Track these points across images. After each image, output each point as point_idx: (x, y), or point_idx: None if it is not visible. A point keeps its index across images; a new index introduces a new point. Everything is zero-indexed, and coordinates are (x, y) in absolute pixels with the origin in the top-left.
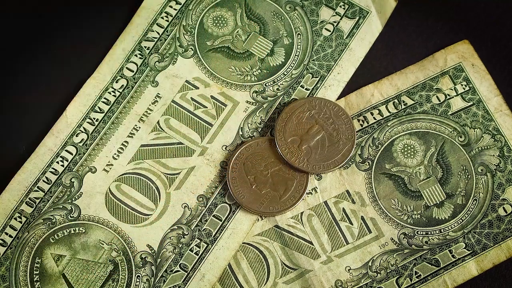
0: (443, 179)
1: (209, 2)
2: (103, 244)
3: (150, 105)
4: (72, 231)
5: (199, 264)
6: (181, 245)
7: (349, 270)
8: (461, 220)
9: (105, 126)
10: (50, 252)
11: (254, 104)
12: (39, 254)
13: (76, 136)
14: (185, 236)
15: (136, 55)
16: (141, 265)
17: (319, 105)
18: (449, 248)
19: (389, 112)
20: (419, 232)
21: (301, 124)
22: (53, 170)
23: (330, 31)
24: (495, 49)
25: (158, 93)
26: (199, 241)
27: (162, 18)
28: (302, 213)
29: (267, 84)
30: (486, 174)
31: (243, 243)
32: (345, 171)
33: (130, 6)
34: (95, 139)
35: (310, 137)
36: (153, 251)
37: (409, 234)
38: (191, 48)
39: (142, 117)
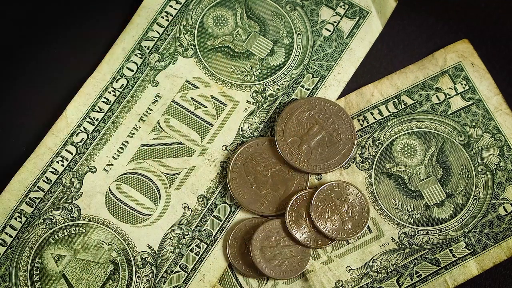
0: (443, 179)
1: (209, 2)
2: (103, 244)
3: (150, 104)
4: (72, 231)
5: (199, 265)
6: (181, 245)
7: (349, 270)
8: (461, 220)
9: (105, 125)
10: (50, 252)
11: (254, 104)
12: (39, 254)
13: (76, 135)
14: (185, 237)
15: (136, 55)
16: (141, 266)
17: (319, 105)
18: (450, 248)
19: (389, 111)
20: (419, 232)
21: (301, 124)
22: (53, 170)
23: (330, 31)
24: (495, 49)
25: (158, 93)
26: (199, 241)
27: (162, 17)
28: None
29: (267, 84)
30: (486, 173)
31: None
32: (345, 170)
33: (130, 6)
34: (95, 139)
35: (310, 137)
36: (153, 251)
37: (410, 234)
38: (191, 48)
39: (142, 117)
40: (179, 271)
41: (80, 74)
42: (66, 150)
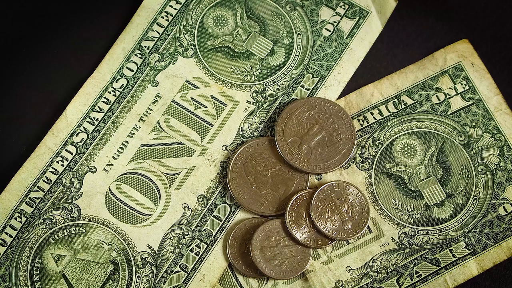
0: (443, 179)
1: (209, 2)
2: (103, 244)
3: (150, 104)
4: (72, 231)
5: (199, 265)
6: (181, 245)
7: (349, 270)
8: (461, 220)
9: (105, 125)
10: (50, 252)
11: (254, 104)
12: (39, 254)
13: (76, 135)
14: (185, 237)
15: (136, 55)
16: (141, 266)
17: (319, 105)
18: (450, 248)
19: (389, 111)
20: (419, 232)
21: (301, 124)
22: (53, 170)
23: (330, 31)
24: (495, 49)
25: (158, 93)
26: (199, 241)
27: (162, 17)
28: None
29: (267, 84)
30: (486, 173)
31: None
32: (345, 170)
33: (130, 6)
34: (95, 139)
35: (310, 137)
36: (153, 251)
37: (410, 234)
38: (191, 48)
39: (142, 117)
40: (179, 271)
41: (80, 74)
42: (66, 150)
